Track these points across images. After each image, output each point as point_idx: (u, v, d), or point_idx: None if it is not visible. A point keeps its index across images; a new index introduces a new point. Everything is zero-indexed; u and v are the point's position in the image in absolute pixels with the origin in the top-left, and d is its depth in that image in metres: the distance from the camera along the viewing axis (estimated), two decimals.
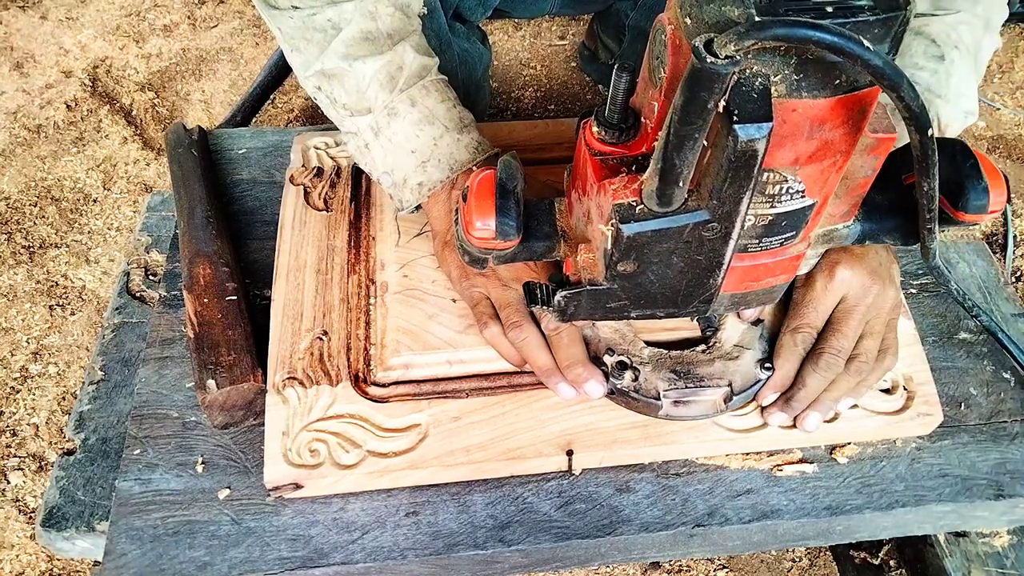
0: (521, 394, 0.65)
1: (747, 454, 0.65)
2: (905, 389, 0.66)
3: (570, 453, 0.62)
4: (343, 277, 0.72)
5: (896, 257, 0.67)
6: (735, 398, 0.62)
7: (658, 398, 0.62)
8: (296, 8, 0.65)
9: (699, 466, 0.65)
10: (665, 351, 0.65)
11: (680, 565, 1.00)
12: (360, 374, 0.66)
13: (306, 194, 0.78)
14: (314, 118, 1.52)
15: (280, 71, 1.56)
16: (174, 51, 1.62)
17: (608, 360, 0.63)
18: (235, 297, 0.70)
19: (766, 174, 0.44)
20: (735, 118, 0.39)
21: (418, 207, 0.70)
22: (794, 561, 1.01)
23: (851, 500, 0.63)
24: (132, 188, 1.38)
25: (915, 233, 0.53)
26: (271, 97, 1.55)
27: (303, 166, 0.81)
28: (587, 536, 0.61)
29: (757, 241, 0.49)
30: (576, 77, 1.59)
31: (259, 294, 0.76)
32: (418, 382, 0.66)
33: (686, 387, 0.62)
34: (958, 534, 0.69)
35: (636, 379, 0.62)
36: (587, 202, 0.51)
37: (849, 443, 0.66)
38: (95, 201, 1.37)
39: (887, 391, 0.66)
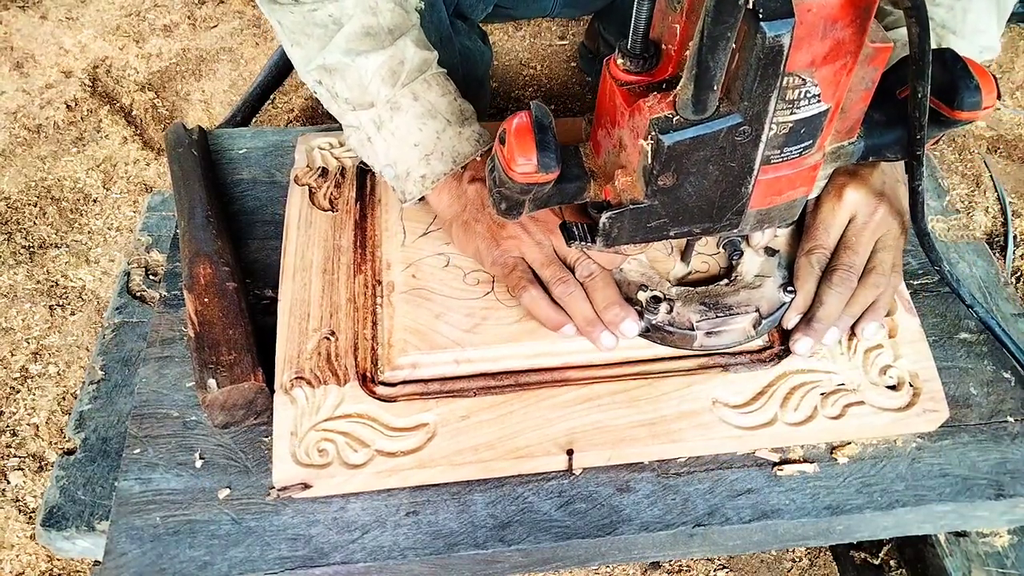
0: (528, 393, 0.65)
1: (747, 453, 0.65)
2: (911, 386, 0.66)
3: (570, 452, 0.62)
4: (349, 277, 0.72)
5: (906, 181, 0.68)
6: (764, 322, 0.65)
7: (692, 329, 0.64)
8: (297, 3, 0.66)
9: (699, 466, 0.65)
10: (691, 288, 0.67)
11: (680, 565, 1.00)
12: (368, 374, 0.66)
13: (311, 194, 0.78)
14: (314, 118, 1.52)
15: (280, 71, 1.56)
16: (174, 51, 1.62)
17: (642, 296, 0.66)
18: (235, 297, 0.70)
19: (786, 78, 0.47)
20: (761, 16, 0.42)
21: (421, 198, 0.71)
22: (794, 561, 1.01)
23: (851, 500, 0.63)
24: (132, 188, 1.39)
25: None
26: (271, 97, 1.55)
27: (307, 166, 0.81)
28: (587, 536, 0.61)
29: (779, 151, 0.52)
30: (576, 77, 1.59)
31: (259, 294, 0.76)
32: (425, 381, 0.66)
33: (717, 316, 0.65)
34: (958, 534, 0.69)
35: (670, 311, 0.65)
36: (618, 132, 0.54)
37: (851, 442, 0.66)
38: (95, 201, 1.37)
39: (893, 387, 0.66)
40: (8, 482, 1.05)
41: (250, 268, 0.78)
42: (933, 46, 0.69)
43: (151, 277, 0.82)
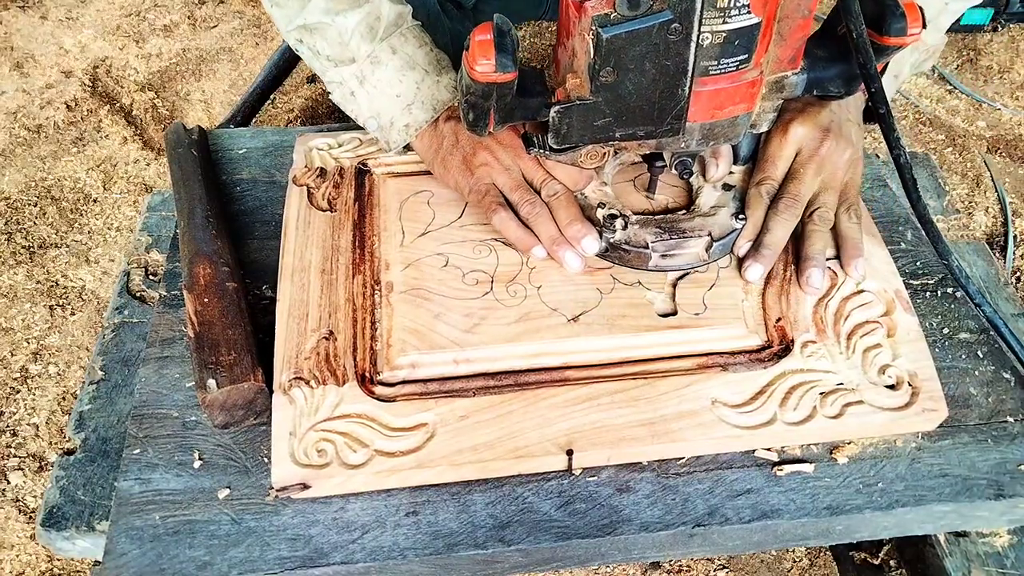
0: (528, 393, 0.65)
1: (746, 453, 0.65)
2: (910, 385, 0.66)
3: (570, 453, 0.62)
4: (348, 277, 0.72)
5: (858, 122, 0.74)
6: (715, 245, 0.69)
7: (647, 247, 0.68)
8: None
9: (699, 466, 0.65)
10: (650, 215, 0.72)
11: (680, 565, 1.00)
12: (366, 374, 0.66)
13: (309, 195, 0.78)
14: (314, 118, 1.52)
15: (280, 71, 1.57)
16: (174, 51, 1.62)
17: (600, 213, 0.70)
18: (235, 297, 0.70)
19: None
20: None
21: (406, 147, 0.77)
22: (794, 561, 1.01)
23: (851, 500, 0.63)
24: (132, 188, 1.39)
25: (855, 77, 0.63)
26: (271, 97, 1.56)
27: (306, 167, 0.81)
28: (587, 536, 0.61)
29: (716, 63, 0.57)
30: None
31: (259, 294, 0.76)
32: (424, 381, 0.66)
33: (671, 238, 0.68)
34: (958, 534, 0.68)
35: (625, 227, 0.69)
36: (571, 41, 0.59)
37: (851, 442, 0.66)
38: (95, 201, 1.37)
39: (892, 387, 0.66)
40: (8, 482, 1.05)
41: (250, 268, 0.78)
42: None
43: (151, 277, 0.82)
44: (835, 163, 0.72)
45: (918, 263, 0.79)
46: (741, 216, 0.70)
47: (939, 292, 0.77)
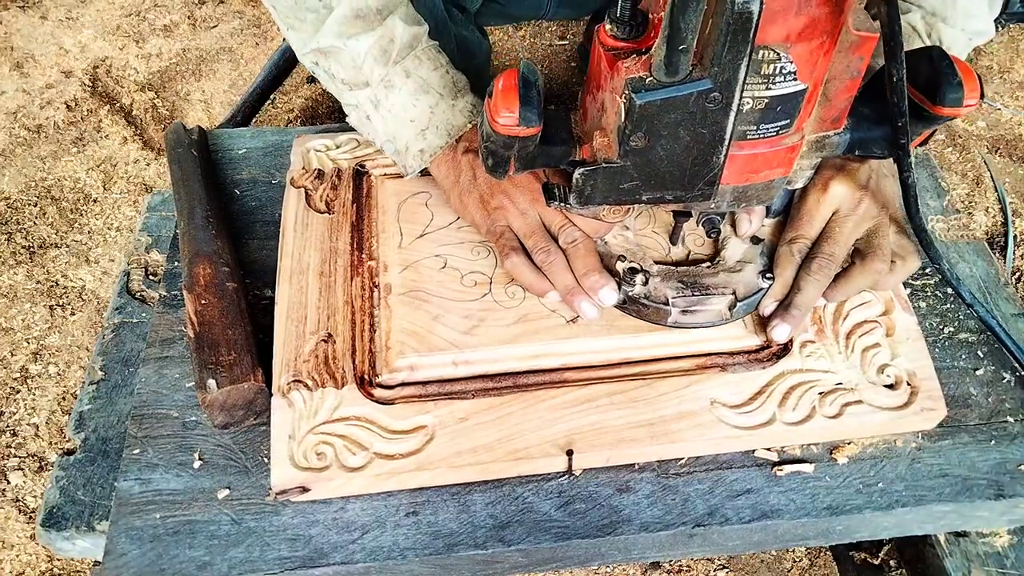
0: (527, 394, 0.65)
1: (746, 453, 0.65)
2: (909, 384, 0.66)
3: (570, 453, 0.62)
4: (346, 279, 0.72)
5: (893, 174, 0.70)
6: (739, 305, 0.65)
7: (667, 304, 0.65)
8: None
9: (699, 466, 0.65)
10: (672, 267, 0.69)
11: (680, 565, 1.00)
12: (365, 376, 0.66)
13: (307, 196, 0.78)
14: (314, 118, 1.52)
15: (280, 71, 1.56)
16: (174, 51, 1.62)
17: (620, 266, 0.67)
18: (235, 297, 0.70)
19: (761, 51, 0.48)
20: None
21: (423, 171, 0.75)
22: (794, 561, 1.01)
23: (851, 500, 0.63)
24: (132, 188, 1.39)
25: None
26: (271, 97, 1.56)
27: (304, 168, 0.81)
28: (587, 536, 0.61)
29: (755, 127, 0.53)
30: (576, 77, 1.59)
31: (259, 294, 0.76)
32: (423, 383, 0.66)
33: (693, 295, 0.66)
34: (958, 534, 0.69)
35: (646, 283, 0.66)
36: (601, 95, 0.55)
37: (850, 442, 0.66)
38: (95, 201, 1.37)
39: (891, 386, 0.66)
40: (8, 482, 1.05)
41: (250, 268, 0.78)
42: (923, 35, 0.71)
43: (151, 277, 0.82)
44: (873, 220, 0.68)
45: None
46: (768, 275, 0.67)
47: (939, 292, 0.77)
